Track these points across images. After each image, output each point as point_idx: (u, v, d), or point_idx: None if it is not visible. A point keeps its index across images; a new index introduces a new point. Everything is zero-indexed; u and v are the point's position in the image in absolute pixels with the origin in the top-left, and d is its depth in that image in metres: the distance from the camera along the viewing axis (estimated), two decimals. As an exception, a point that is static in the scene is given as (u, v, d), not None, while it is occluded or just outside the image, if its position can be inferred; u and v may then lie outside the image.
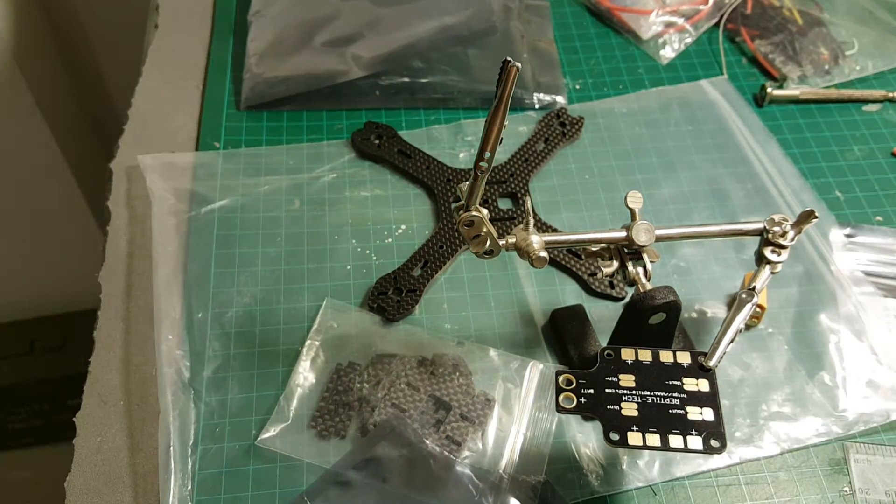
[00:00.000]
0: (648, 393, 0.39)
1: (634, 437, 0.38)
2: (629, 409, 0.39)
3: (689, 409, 0.39)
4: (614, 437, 0.38)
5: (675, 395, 0.39)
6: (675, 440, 0.38)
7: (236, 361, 0.49)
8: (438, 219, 0.57)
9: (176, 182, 0.57)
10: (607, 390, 0.39)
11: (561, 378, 0.40)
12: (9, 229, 1.04)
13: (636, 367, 0.40)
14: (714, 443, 0.38)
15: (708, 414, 0.38)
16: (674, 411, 0.39)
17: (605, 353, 0.41)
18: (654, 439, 0.38)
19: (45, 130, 0.94)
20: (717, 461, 0.46)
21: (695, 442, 0.38)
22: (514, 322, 0.52)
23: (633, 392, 0.39)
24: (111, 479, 0.45)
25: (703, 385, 0.39)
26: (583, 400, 0.39)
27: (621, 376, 0.40)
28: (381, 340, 0.50)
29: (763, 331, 0.52)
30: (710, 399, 0.39)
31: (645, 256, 0.45)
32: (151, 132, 0.62)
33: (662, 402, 0.39)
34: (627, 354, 0.41)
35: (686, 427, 0.38)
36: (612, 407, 0.39)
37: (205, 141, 0.61)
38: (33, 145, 0.96)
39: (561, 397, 0.39)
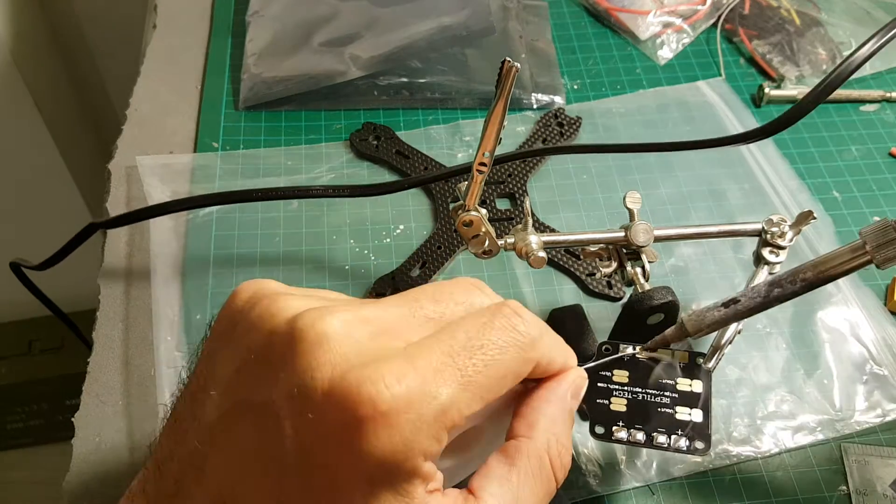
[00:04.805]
0: (640, 390, 0.39)
1: (619, 433, 0.38)
2: (618, 404, 0.39)
3: (678, 408, 0.39)
4: (599, 430, 0.39)
5: (667, 393, 0.39)
6: (660, 438, 0.38)
7: (235, 362, 0.49)
8: (436, 219, 0.57)
9: (175, 185, 0.57)
10: (599, 384, 0.39)
11: None
12: (8, 229, 1.05)
13: (632, 364, 0.40)
14: (699, 444, 0.38)
15: (697, 415, 0.39)
16: (663, 410, 0.39)
17: (604, 347, 0.41)
18: (638, 436, 0.38)
19: (44, 130, 0.94)
20: (714, 461, 0.46)
21: (679, 442, 0.38)
22: (512, 322, 0.52)
23: (625, 388, 0.39)
24: (110, 477, 0.45)
25: (697, 386, 0.39)
26: None
27: (615, 371, 0.40)
28: (379, 340, 0.50)
29: (761, 331, 0.52)
30: (701, 401, 0.39)
31: (643, 257, 0.45)
32: (150, 132, 0.62)
33: (653, 399, 0.39)
34: (625, 350, 0.41)
35: (673, 426, 0.38)
36: (601, 401, 0.39)
37: (203, 141, 0.61)
38: (32, 145, 0.96)
39: None
